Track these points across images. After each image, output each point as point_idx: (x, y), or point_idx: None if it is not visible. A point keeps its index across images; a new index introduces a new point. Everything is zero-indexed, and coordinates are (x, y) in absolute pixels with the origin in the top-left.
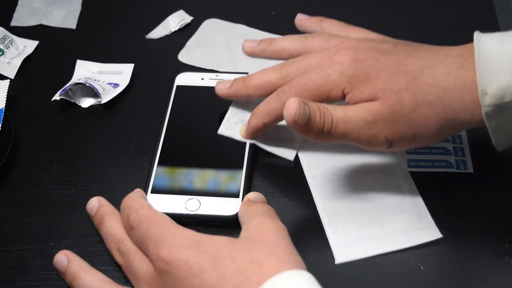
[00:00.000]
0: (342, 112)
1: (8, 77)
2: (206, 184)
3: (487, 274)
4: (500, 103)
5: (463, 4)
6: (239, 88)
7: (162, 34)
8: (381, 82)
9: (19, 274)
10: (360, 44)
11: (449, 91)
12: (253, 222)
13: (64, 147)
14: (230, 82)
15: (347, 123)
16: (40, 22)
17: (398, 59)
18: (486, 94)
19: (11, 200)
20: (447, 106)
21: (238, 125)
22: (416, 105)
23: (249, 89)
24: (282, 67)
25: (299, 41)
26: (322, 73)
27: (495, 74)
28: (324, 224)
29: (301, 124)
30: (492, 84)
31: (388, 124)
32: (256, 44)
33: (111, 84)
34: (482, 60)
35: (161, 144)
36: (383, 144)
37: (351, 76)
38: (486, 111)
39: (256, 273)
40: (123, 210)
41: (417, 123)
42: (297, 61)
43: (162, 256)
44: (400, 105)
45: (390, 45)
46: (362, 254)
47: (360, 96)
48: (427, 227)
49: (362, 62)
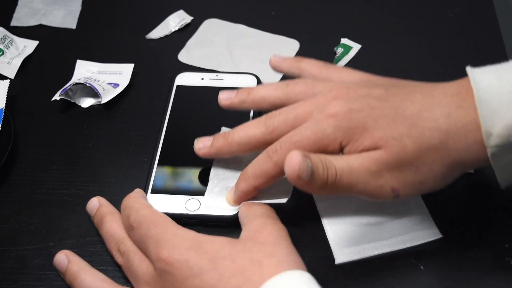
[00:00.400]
0: (345, 163)
1: (8, 77)
2: (206, 184)
3: (487, 274)
4: (506, 143)
5: (463, 4)
6: (220, 146)
7: (162, 34)
8: (380, 130)
9: (19, 274)
10: (350, 92)
11: (451, 134)
12: (253, 223)
13: (64, 147)
14: (210, 140)
15: (352, 174)
16: (40, 22)
17: (393, 104)
18: (492, 135)
19: (11, 200)
20: (451, 149)
21: (223, 192)
22: (420, 151)
23: (232, 147)
24: (267, 120)
25: (281, 89)
26: (315, 128)
27: (499, 113)
28: (324, 224)
29: (305, 179)
30: (496, 124)
31: (393, 173)
32: (234, 95)
33: (111, 84)
34: (483, 100)
35: (161, 144)
36: (389, 194)
37: (348, 129)
38: (492, 152)
39: (256, 274)
40: (123, 210)
41: (422, 170)
42: (283, 113)
43: (163, 256)
44: (404, 152)
45: (382, 89)
46: (362, 254)
47: (360, 147)
48: (427, 227)
49: (357, 113)
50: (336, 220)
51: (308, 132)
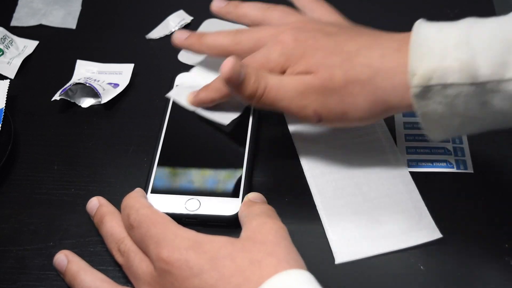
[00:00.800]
0: (277, 80)
1: (8, 77)
2: (206, 184)
3: (487, 274)
4: (426, 85)
5: (463, 4)
6: (192, 42)
7: (162, 34)
8: (316, 58)
9: (19, 274)
10: (307, 25)
11: (381, 73)
12: (253, 223)
13: (64, 147)
14: (187, 35)
15: (280, 90)
16: (40, 22)
17: (337, 40)
18: (415, 75)
19: (11, 200)
20: (378, 87)
21: (187, 92)
22: (347, 83)
23: (202, 47)
24: (236, 33)
25: (262, 10)
26: (264, 52)
27: (426, 56)
28: (324, 224)
29: (234, 82)
30: (421, 66)
31: (318, 97)
32: (223, 5)
33: (111, 84)
34: (417, 43)
35: (161, 144)
36: (312, 116)
37: (290, 55)
38: (414, 92)
39: (255, 273)
40: (123, 210)
41: (346, 100)
42: (250, 32)
43: (163, 256)
44: (331, 81)
45: (335, 28)
46: (362, 254)
47: (296, 71)
48: (427, 227)
49: (301, 42)
50: (336, 220)
51: (258, 55)
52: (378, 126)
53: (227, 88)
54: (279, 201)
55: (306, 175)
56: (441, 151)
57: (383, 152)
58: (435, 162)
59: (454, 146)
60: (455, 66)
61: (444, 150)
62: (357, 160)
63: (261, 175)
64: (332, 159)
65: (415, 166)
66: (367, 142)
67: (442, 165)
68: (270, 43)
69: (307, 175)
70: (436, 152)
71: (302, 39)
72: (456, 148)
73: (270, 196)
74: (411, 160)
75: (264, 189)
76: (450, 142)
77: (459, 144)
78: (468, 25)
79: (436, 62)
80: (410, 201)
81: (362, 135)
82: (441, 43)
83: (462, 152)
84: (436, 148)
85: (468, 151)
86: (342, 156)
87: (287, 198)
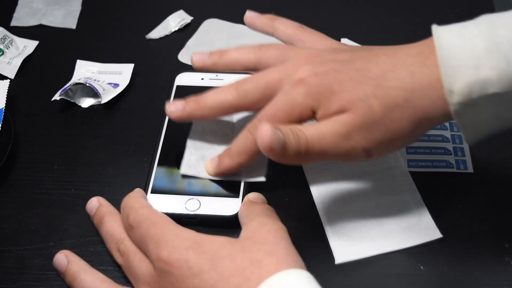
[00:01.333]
0: (315, 130)
1: (8, 77)
2: (206, 184)
3: (487, 274)
4: (468, 100)
5: (463, 4)
6: (192, 110)
7: (162, 34)
8: (347, 93)
9: (19, 274)
10: (317, 58)
11: (416, 92)
12: (253, 223)
13: (64, 147)
14: (183, 104)
15: (323, 139)
16: (40, 22)
17: (358, 67)
18: (453, 92)
19: (11, 200)
20: (417, 106)
21: (200, 163)
22: (386, 110)
23: (204, 111)
24: (238, 86)
25: (253, 53)
26: (286, 98)
27: (460, 71)
28: (324, 224)
29: (278, 150)
30: (457, 82)
31: (363, 134)
32: (206, 57)
33: (111, 84)
34: (445, 58)
35: (161, 144)
36: (362, 155)
37: (316, 94)
38: (455, 110)
39: (255, 273)
40: (123, 210)
41: (391, 127)
42: (254, 79)
43: (162, 256)
44: (371, 113)
45: (347, 54)
46: (362, 254)
47: (329, 111)
48: (427, 227)
49: (322, 77)
50: (336, 220)
51: (280, 103)
52: None
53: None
54: (279, 201)
55: (306, 176)
56: (441, 151)
57: None
58: (435, 162)
59: (454, 146)
60: (493, 76)
61: (444, 150)
62: None
63: None
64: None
65: (415, 166)
66: None
67: (442, 165)
68: (288, 86)
69: (308, 176)
70: (436, 152)
71: (321, 72)
72: (456, 148)
73: (270, 196)
74: (411, 160)
75: (264, 189)
76: (450, 142)
77: (459, 144)
78: (488, 26)
79: (471, 74)
80: (410, 201)
81: None
82: (470, 53)
83: (462, 152)
84: (436, 148)
85: (468, 151)
86: None
87: (287, 198)
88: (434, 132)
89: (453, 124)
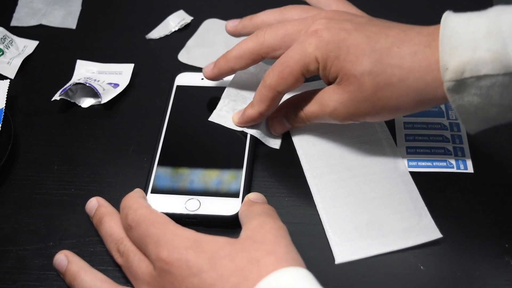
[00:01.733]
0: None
1: (8, 77)
2: (206, 184)
3: (487, 274)
4: (460, 79)
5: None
6: (221, 65)
7: (162, 34)
8: (347, 63)
9: (19, 274)
10: (335, 15)
11: (413, 72)
12: (253, 222)
13: (64, 147)
14: (213, 63)
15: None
16: (40, 22)
17: (368, 34)
18: (447, 69)
19: (11, 200)
20: (409, 87)
21: (230, 113)
22: (377, 88)
23: (230, 62)
24: (258, 33)
25: (279, 13)
26: (299, 48)
27: (457, 50)
28: (324, 224)
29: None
30: (453, 60)
31: (348, 108)
32: (237, 22)
33: (111, 84)
34: (446, 36)
35: (161, 144)
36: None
37: (325, 51)
38: (448, 87)
39: (254, 272)
40: (122, 210)
41: (378, 104)
42: (274, 27)
43: (162, 256)
44: (361, 91)
45: (365, 19)
46: (362, 254)
47: (328, 76)
48: (427, 227)
49: (334, 34)
50: (336, 220)
51: (292, 52)
52: (378, 126)
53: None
54: (279, 201)
55: (306, 175)
56: (441, 151)
57: (383, 152)
58: (435, 162)
59: (454, 146)
60: (487, 57)
61: (444, 150)
62: (357, 160)
63: (261, 175)
64: (332, 159)
65: (415, 166)
66: (367, 142)
67: (442, 165)
68: (303, 37)
69: (307, 175)
70: (436, 152)
71: (335, 28)
72: (456, 148)
73: (270, 196)
74: (411, 160)
75: (264, 189)
76: (450, 142)
77: (459, 144)
78: (496, 13)
79: (468, 54)
80: (410, 201)
81: (362, 135)
82: (471, 34)
83: (462, 152)
84: (436, 148)
85: (468, 151)
86: (342, 156)
87: (287, 198)
88: (434, 132)
89: (453, 124)
